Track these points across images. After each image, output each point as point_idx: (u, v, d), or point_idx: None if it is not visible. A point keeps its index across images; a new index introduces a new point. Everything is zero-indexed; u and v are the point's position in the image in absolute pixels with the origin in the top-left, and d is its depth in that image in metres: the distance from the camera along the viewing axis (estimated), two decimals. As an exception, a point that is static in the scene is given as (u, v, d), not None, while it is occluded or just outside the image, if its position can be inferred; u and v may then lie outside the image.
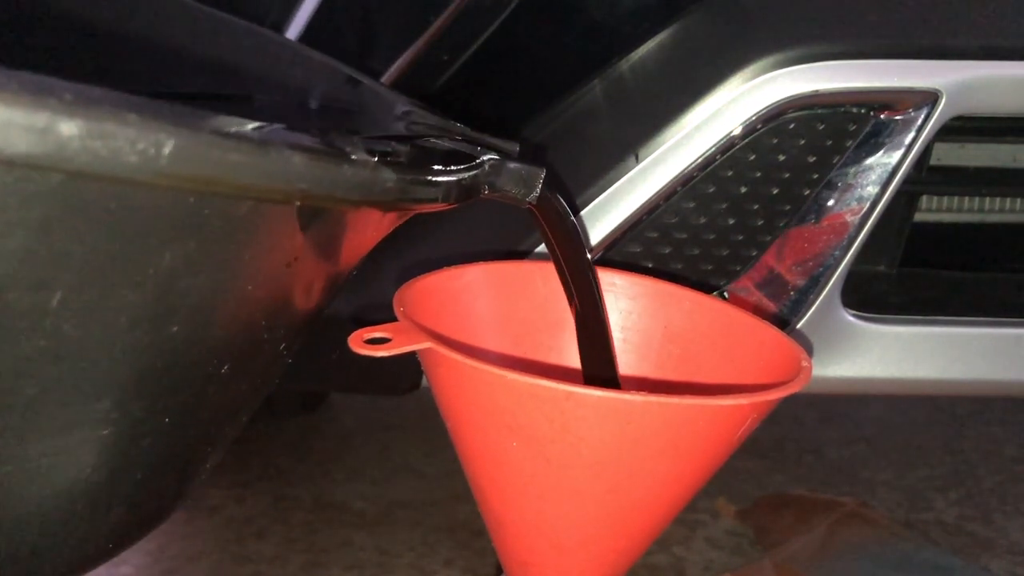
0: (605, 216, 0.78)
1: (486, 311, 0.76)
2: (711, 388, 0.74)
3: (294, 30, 0.81)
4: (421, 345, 0.61)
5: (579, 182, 0.78)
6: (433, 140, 0.62)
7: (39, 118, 0.34)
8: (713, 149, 0.76)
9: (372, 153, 0.48)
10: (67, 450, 0.47)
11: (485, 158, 0.59)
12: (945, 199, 0.96)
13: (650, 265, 0.79)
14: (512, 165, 0.60)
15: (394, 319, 0.64)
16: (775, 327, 0.73)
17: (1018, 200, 0.98)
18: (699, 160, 0.76)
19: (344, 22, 0.84)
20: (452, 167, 0.55)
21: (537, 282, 0.77)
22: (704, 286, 0.80)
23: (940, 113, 0.77)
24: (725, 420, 0.62)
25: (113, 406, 0.47)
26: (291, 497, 1.16)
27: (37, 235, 0.38)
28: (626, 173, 0.77)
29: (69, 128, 0.35)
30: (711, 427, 0.61)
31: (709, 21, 0.77)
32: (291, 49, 0.74)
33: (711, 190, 0.77)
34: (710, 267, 0.80)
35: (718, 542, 1.07)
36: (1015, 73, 0.77)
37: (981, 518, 1.15)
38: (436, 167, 0.54)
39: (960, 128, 0.82)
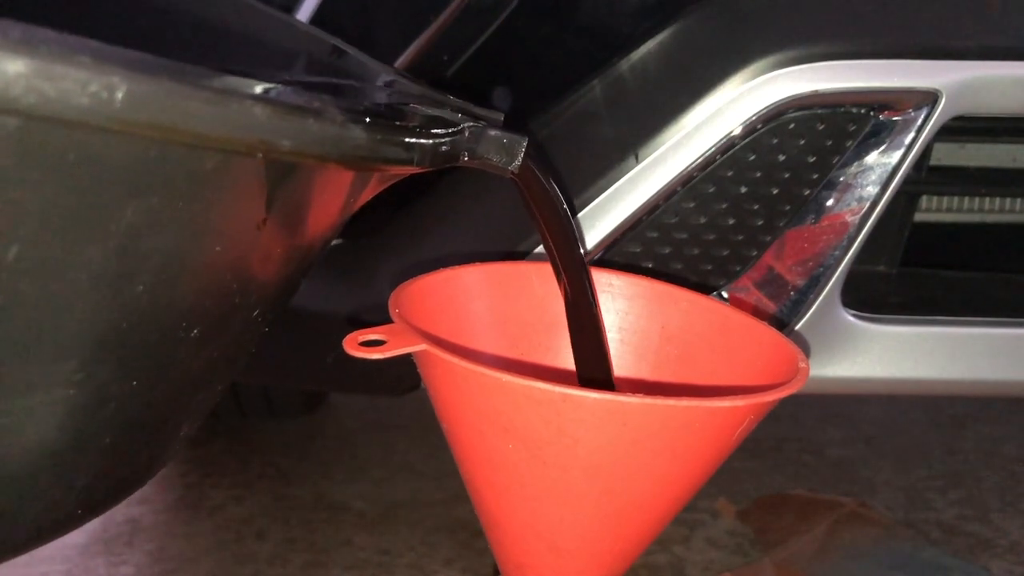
0: (605, 216, 0.78)
1: (483, 312, 0.76)
2: (708, 389, 0.74)
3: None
4: (416, 347, 0.61)
5: (579, 182, 0.78)
6: (415, 106, 0.61)
7: None
8: (713, 149, 0.76)
9: (343, 111, 0.47)
10: (29, 411, 0.46)
11: (466, 124, 0.58)
12: (945, 199, 0.96)
13: (650, 265, 0.79)
14: (493, 132, 0.59)
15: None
16: (772, 327, 0.73)
17: (1018, 200, 0.98)
18: (699, 160, 0.76)
19: (343, 22, 0.84)
20: (428, 130, 0.54)
21: (534, 283, 0.77)
22: (704, 286, 0.80)
23: (940, 113, 0.77)
24: (722, 422, 0.61)
25: (77, 367, 0.46)
26: (291, 497, 1.16)
27: None
28: (626, 173, 0.77)
29: (15, 66, 0.34)
30: (708, 429, 0.61)
31: (709, 21, 0.77)
32: (275, 18, 0.73)
33: (711, 190, 0.77)
34: (710, 267, 0.80)
35: (718, 542, 1.07)
36: (1015, 73, 0.77)
37: (981, 518, 1.15)
38: (410, 128, 0.53)
39: (960, 128, 0.82)
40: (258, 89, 0.43)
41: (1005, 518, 1.15)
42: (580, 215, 0.78)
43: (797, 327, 0.81)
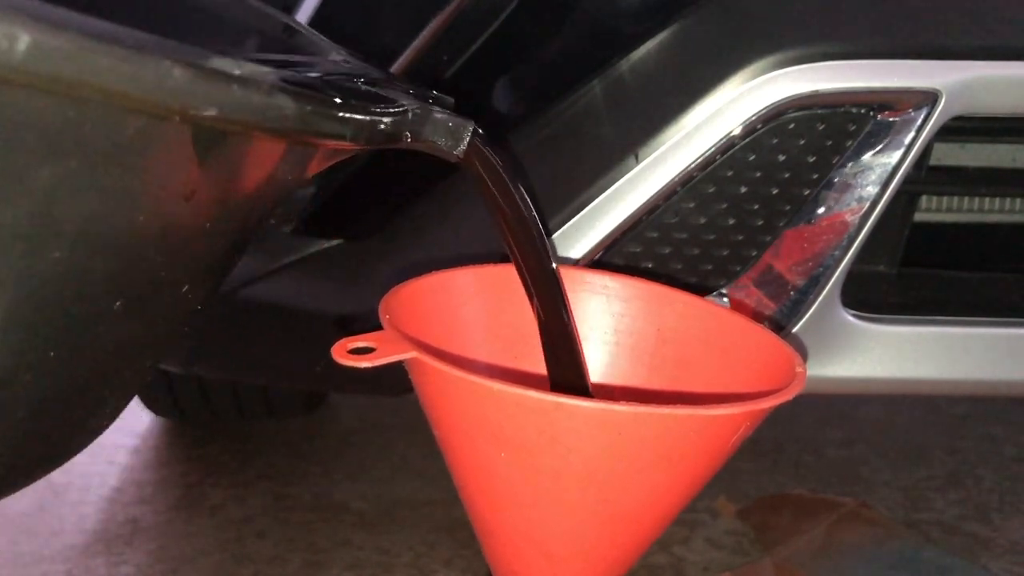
0: (605, 216, 0.78)
1: (476, 316, 0.75)
2: (705, 392, 0.74)
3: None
4: (406, 355, 0.60)
5: (579, 182, 0.78)
6: (359, 85, 0.59)
7: None
8: (713, 149, 0.76)
9: (270, 79, 0.45)
10: None
11: (410, 105, 0.56)
12: (945, 199, 0.96)
13: (650, 265, 0.79)
14: (438, 115, 0.58)
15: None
16: (769, 330, 0.73)
17: (1018, 200, 0.98)
18: (699, 160, 0.76)
19: (342, 23, 0.84)
20: (366, 106, 0.53)
21: None
22: (704, 286, 0.80)
23: (940, 113, 0.77)
24: (717, 429, 0.61)
25: None
26: (291, 497, 1.16)
27: None
28: (626, 173, 0.77)
29: None
30: (703, 436, 0.61)
31: (709, 21, 0.77)
32: None
33: (711, 190, 0.77)
34: (710, 267, 0.80)
35: (718, 542, 1.07)
36: (1015, 73, 0.77)
37: (981, 518, 1.15)
38: (344, 103, 0.51)
39: (960, 128, 0.82)
40: (184, 52, 0.41)
41: (1005, 518, 1.15)
42: (580, 216, 0.78)
43: (797, 327, 0.81)
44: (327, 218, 0.85)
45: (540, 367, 0.76)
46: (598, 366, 0.77)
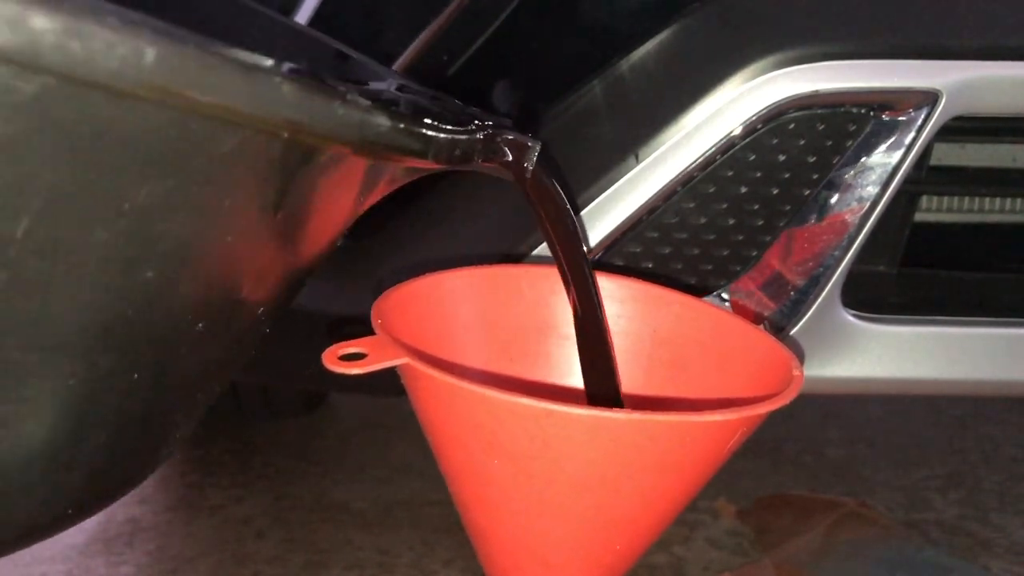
0: (605, 216, 0.78)
1: (470, 318, 0.75)
2: (701, 395, 0.73)
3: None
4: (397, 361, 0.60)
5: (579, 182, 0.78)
6: (429, 106, 0.61)
7: (9, 8, 0.33)
8: (713, 149, 0.76)
9: (368, 97, 0.47)
10: (25, 400, 0.44)
11: (482, 124, 0.58)
12: (945, 199, 0.96)
13: (650, 265, 0.79)
14: (508, 136, 0.59)
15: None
16: (766, 332, 0.72)
17: (1018, 200, 0.98)
18: (699, 160, 0.76)
19: (341, 24, 0.84)
20: (448, 126, 0.54)
21: (523, 286, 0.76)
22: (704, 286, 0.80)
23: (940, 113, 0.77)
24: (712, 435, 0.60)
25: (78, 355, 0.44)
26: (291, 497, 1.16)
27: (5, 153, 0.36)
28: (626, 173, 0.77)
29: (42, 22, 0.34)
30: (698, 442, 0.60)
31: (709, 21, 0.77)
32: (279, 23, 0.72)
33: (711, 190, 0.77)
34: (710, 267, 0.80)
35: (718, 542, 1.07)
36: (1015, 73, 0.77)
37: (981, 518, 1.15)
38: (429, 121, 0.53)
39: (960, 128, 0.82)
40: (286, 68, 0.42)
41: (1005, 518, 1.15)
42: (580, 216, 0.78)
43: (797, 327, 0.81)
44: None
45: (534, 371, 0.76)
46: (594, 367, 0.77)
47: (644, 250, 0.79)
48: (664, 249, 0.79)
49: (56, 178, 0.39)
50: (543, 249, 0.78)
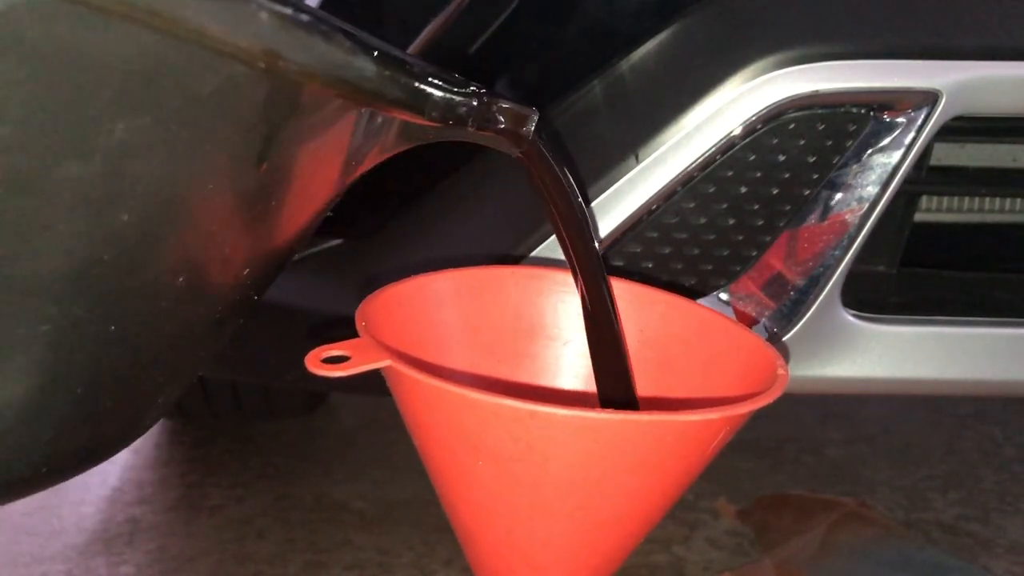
0: (605, 216, 0.78)
1: (457, 320, 0.74)
2: (686, 394, 0.73)
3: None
4: (381, 363, 0.59)
5: (579, 182, 0.78)
6: (430, 68, 0.59)
7: None
8: (713, 149, 0.76)
9: (354, 39, 0.45)
10: None
11: (478, 90, 0.56)
12: (945, 199, 0.96)
13: (650, 265, 0.79)
14: (504, 104, 0.57)
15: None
16: (752, 331, 0.72)
17: (1018, 200, 0.98)
18: (699, 160, 0.76)
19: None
20: (441, 83, 0.52)
21: (509, 287, 0.75)
22: (704, 286, 0.80)
23: (940, 113, 0.77)
24: (696, 435, 0.60)
25: (51, 300, 0.42)
26: (291, 497, 1.16)
27: None
28: (626, 173, 0.77)
29: None
30: (681, 442, 0.60)
31: (709, 21, 0.77)
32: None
33: (711, 190, 0.77)
34: (710, 267, 0.80)
35: (718, 542, 1.07)
36: (1015, 73, 0.77)
37: (981, 518, 1.15)
38: (422, 74, 0.51)
39: (960, 128, 0.82)
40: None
41: (1005, 518, 1.15)
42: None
43: (797, 327, 0.81)
44: (327, 218, 0.85)
45: (519, 372, 0.75)
46: (581, 369, 0.77)
47: (644, 250, 0.79)
48: (664, 249, 0.79)
49: (26, 105, 0.37)
50: (543, 250, 0.78)
